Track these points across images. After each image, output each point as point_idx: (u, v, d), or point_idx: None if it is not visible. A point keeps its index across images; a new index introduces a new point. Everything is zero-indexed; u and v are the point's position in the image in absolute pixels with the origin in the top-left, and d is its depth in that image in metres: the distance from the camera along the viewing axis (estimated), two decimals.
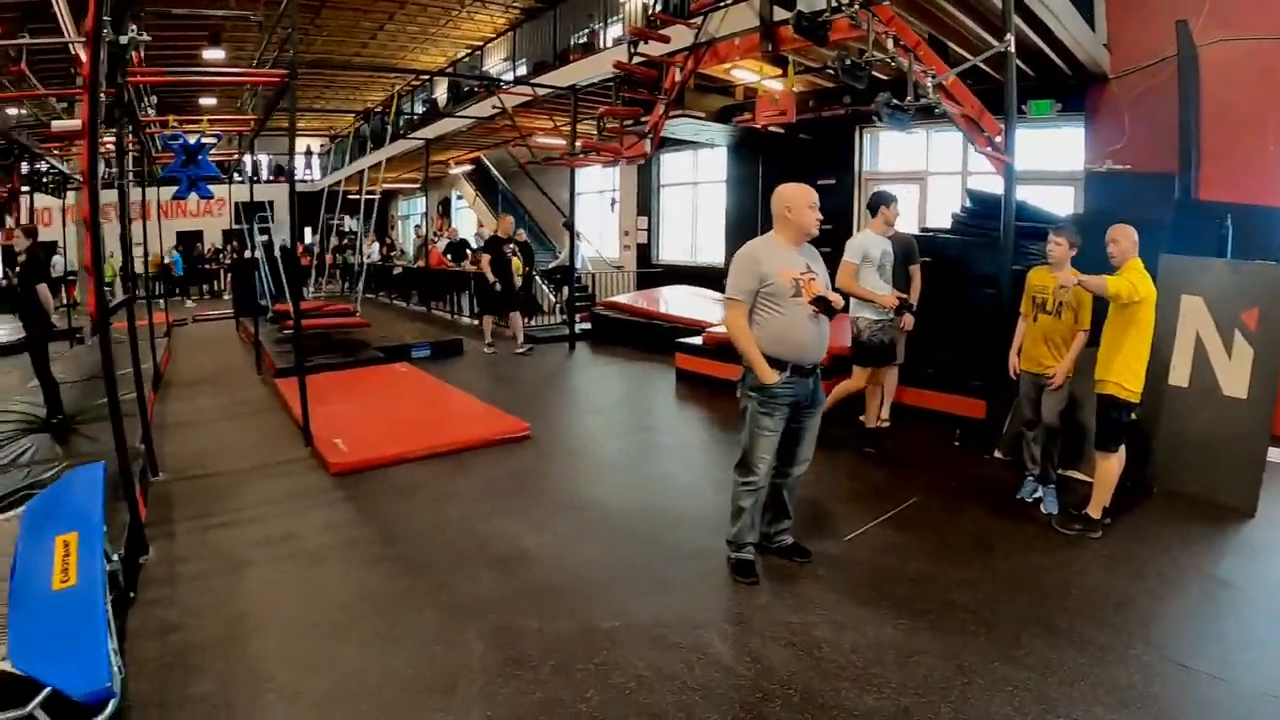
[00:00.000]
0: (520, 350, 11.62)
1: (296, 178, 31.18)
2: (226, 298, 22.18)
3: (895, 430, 6.85)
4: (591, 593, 4.17)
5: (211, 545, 4.98)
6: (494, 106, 13.89)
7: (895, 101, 6.65)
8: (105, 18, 4.75)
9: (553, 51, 16.45)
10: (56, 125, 11.84)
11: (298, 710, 3.23)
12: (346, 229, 23.44)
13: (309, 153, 31.16)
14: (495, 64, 21.45)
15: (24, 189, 13.98)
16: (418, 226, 24.33)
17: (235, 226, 26.02)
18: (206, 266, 25.98)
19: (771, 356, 4.01)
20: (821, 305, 3.98)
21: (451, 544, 4.88)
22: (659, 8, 10.78)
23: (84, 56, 10.47)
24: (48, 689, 2.86)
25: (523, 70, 18.46)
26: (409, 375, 9.99)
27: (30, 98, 11.45)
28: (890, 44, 6.55)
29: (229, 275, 23.51)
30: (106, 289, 17.09)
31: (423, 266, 18.10)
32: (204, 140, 8.09)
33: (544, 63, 16.12)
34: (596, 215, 18.41)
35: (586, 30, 15.91)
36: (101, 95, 4.88)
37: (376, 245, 19.51)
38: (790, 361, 4.02)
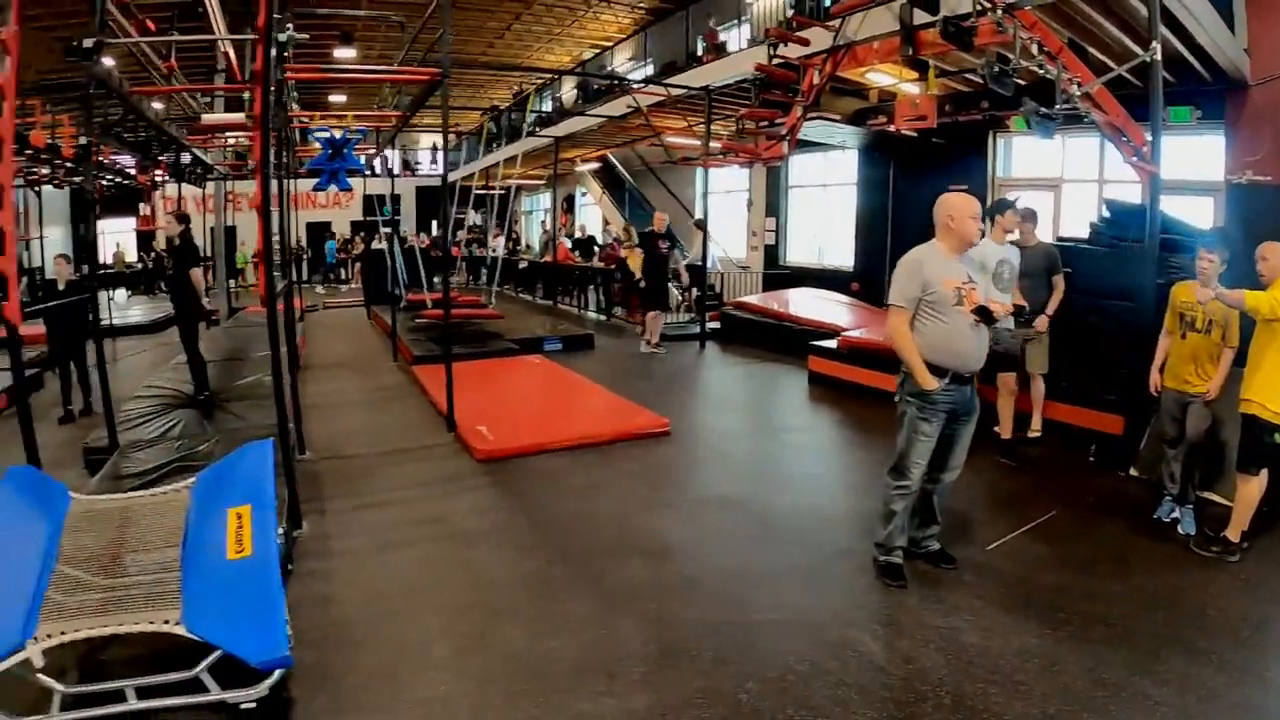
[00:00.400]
0: (653, 349, 11.92)
1: (422, 172, 32.44)
2: (354, 286, 23.20)
3: (1030, 443, 6.93)
4: (742, 587, 4.45)
5: (362, 523, 5.40)
6: (628, 106, 14.23)
7: (1043, 110, 6.73)
8: (275, 16, 5.14)
9: (685, 51, 16.71)
10: (207, 118, 12.44)
11: (461, 686, 3.47)
12: (472, 223, 24.20)
13: (434, 148, 32.32)
14: (621, 64, 21.84)
15: (163, 179, 14.94)
16: (543, 221, 24.93)
17: (364, 218, 27.38)
18: (337, 255, 27.37)
19: (932, 363, 4.19)
20: (983, 315, 4.16)
21: (600, 534, 5.19)
22: (793, 10, 10.93)
23: (233, 54, 11.20)
24: (217, 653, 3.09)
25: (649, 70, 18.77)
26: (543, 367, 10.46)
27: (181, 92, 12.20)
28: (1035, 49, 6.63)
29: (357, 264, 24.66)
30: (237, 276, 18.09)
31: (549, 261, 18.60)
32: (349, 135, 8.54)
33: (673, 63, 16.38)
34: (723, 215, 18.68)
35: (705, 31, 16.10)
36: (271, 90, 5.26)
37: (502, 239, 20.13)
38: (951, 369, 4.21)
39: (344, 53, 18.23)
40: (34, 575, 3.64)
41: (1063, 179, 11.56)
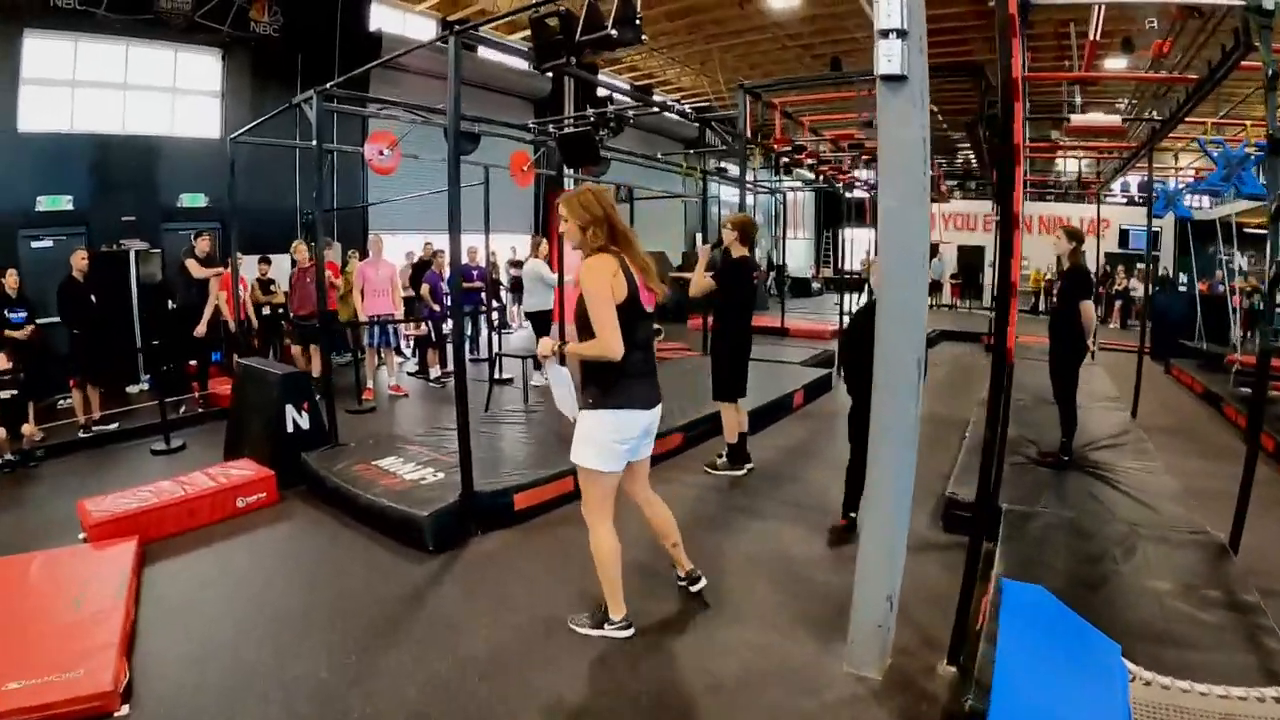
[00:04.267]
0: None
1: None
2: (1112, 326, 21.34)
3: None
4: None
5: None
6: None
7: None
8: None
9: None
10: (1078, 119, 10.31)
11: None
12: (1234, 265, 20.91)
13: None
14: None
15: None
16: None
17: (1118, 249, 25.22)
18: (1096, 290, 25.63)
19: None
20: None
21: None
22: None
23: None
24: None
25: None
26: None
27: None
28: None
29: (1117, 302, 22.69)
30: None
31: None
32: (1246, 150, 6.57)
33: None
34: None
35: None
36: None
37: None
38: None
39: (1114, 63, 15.71)
40: None
41: None
